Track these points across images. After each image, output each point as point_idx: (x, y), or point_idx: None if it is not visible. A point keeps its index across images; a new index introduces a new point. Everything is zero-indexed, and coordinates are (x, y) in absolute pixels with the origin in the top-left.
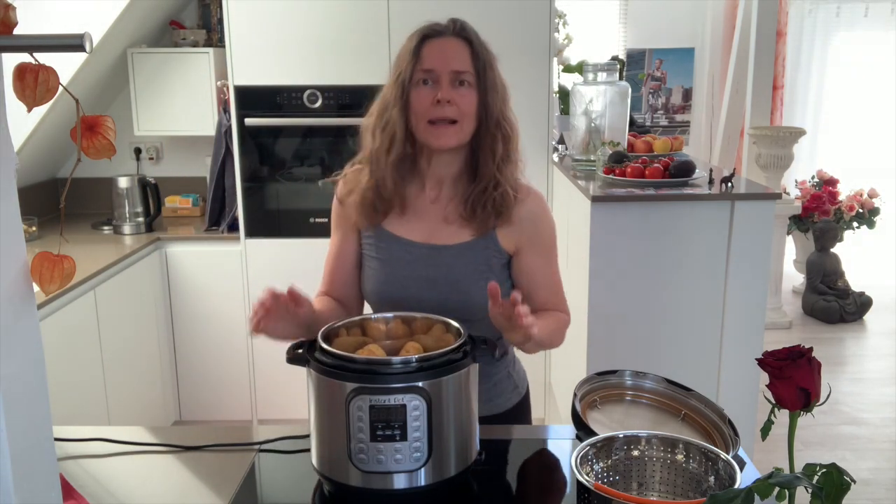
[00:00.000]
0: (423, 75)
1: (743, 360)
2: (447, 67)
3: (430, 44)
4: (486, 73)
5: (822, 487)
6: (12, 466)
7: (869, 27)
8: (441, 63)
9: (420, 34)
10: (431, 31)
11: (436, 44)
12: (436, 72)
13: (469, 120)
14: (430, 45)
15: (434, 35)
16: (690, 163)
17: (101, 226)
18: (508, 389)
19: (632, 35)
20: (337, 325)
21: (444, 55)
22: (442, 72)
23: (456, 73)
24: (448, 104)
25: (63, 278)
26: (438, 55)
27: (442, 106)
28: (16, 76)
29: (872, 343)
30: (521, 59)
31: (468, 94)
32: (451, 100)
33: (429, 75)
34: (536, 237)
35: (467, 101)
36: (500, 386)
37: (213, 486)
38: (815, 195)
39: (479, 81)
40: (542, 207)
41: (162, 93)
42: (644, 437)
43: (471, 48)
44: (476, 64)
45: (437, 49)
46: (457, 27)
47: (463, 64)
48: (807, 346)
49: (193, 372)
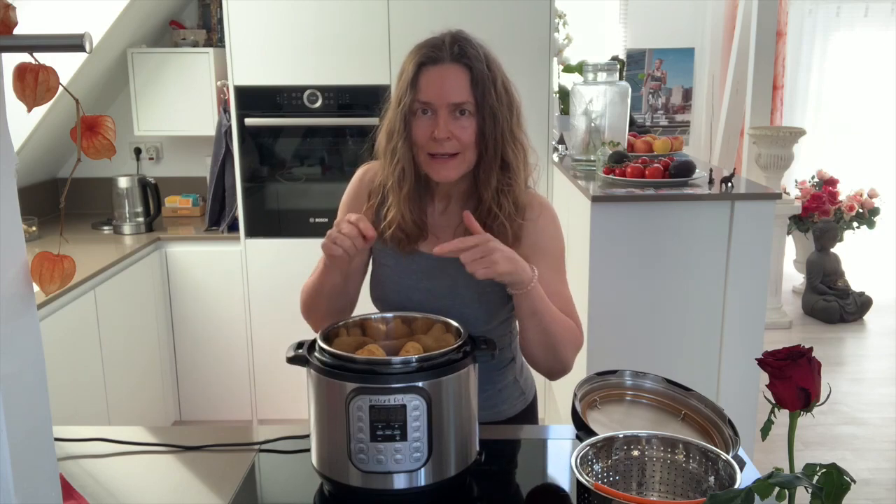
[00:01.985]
0: (421, 106)
1: (743, 360)
2: (445, 100)
3: (428, 73)
4: (486, 100)
5: (822, 487)
6: (12, 466)
7: (869, 27)
8: (438, 95)
9: (417, 60)
10: (428, 58)
11: (433, 72)
12: (433, 104)
13: (471, 150)
14: (428, 73)
15: (431, 62)
16: (690, 163)
17: (101, 226)
18: (514, 396)
19: (632, 35)
20: (337, 325)
21: (442, 86)
22: (440, 105)
23: (454, 105)
24: (447, 140)
25: (63, 278)
26: (436, 86)
27: (440, 142)
28: (16, 76)
29: (872, 343)
30: (521, 59)
31: (469, 126)
32: (451, 135)
33: (427, 106)
34: (541, 249)
35: (468, 132)
36: (505, 392)
37: (213, 486)
38: (815, 195)
39: (479, 110)
40: (549, 220)
41: (162, 93)
42: (644, 437)
43: (470, 73)
44: (476, 92)
45: (434, 78)
46: (455, 51)
47: (461, 94)
48: (807, 346)
49: (193, 372)
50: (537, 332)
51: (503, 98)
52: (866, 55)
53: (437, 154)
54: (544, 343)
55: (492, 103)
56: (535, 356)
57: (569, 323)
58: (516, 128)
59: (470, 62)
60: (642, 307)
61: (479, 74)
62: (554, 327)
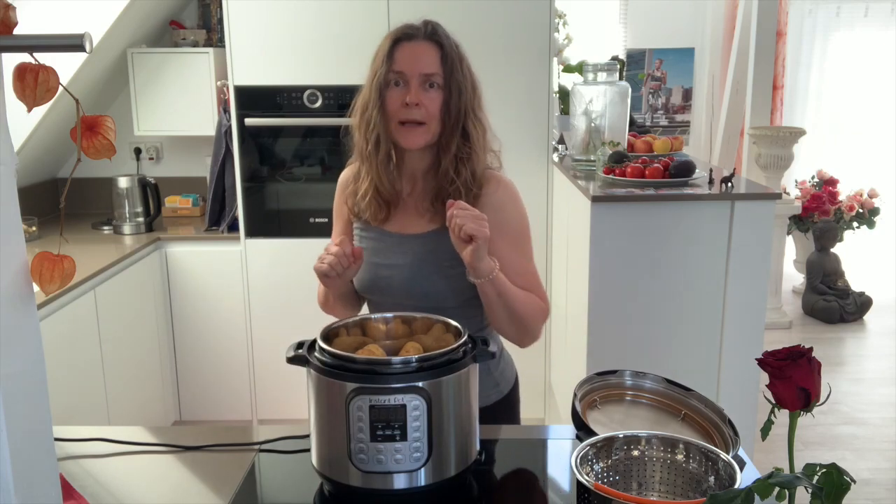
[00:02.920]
0: (395, 76)
1: (743, 360)
2: (417, 70)
3: (402, 47)
4: (454, 75)
5: (822, 487)
6: (12, 466)
7: (869, 27)
8: (411, 66)
9: (393, 37)
10: (403, 35)
11: (407, 47)
12: (406, 74)
13: (436, 121)
14: (402, 48)
15: (406, 38)
16: (690, 163)
17: (101, 226)
18: (488, 387)
19: (632, 35)
20: (337, 325)
21: (415, 58)
22: (412, 74)
23: (425, 75)
24: (416, 107)
25: (63, 278)
26: (409, 58)
27: (410, 108)
28: (16, 76)
29: (872, 343)
30: (521, 59)
31: (437, 97)
32: (420, 102)
33: (400, 77)
34: (503, 225)
35: (436, 103)
36: None
37: (213, 486)
38: (815, 195)
39: (446, 84)
40: (509, 196)
41: (162, 93)
42: (644, 437)
43: (441, 50)
44: (445, 66)
45: (408, 52)
46: (428, 30)
47: (431, 66)
48: (807, 346)
49: (193, 372)
50: (503, 313)
51: (468, 76)
52: (866, 55)
53: (407, 122)
54: (509, 319)
55: (459, 79)
56: (503, 331)
57: (531, 299)
58: (477, 107)
59: (441, 40)
60: (642, 307)
61: (449, 52)
62: (517, 306)
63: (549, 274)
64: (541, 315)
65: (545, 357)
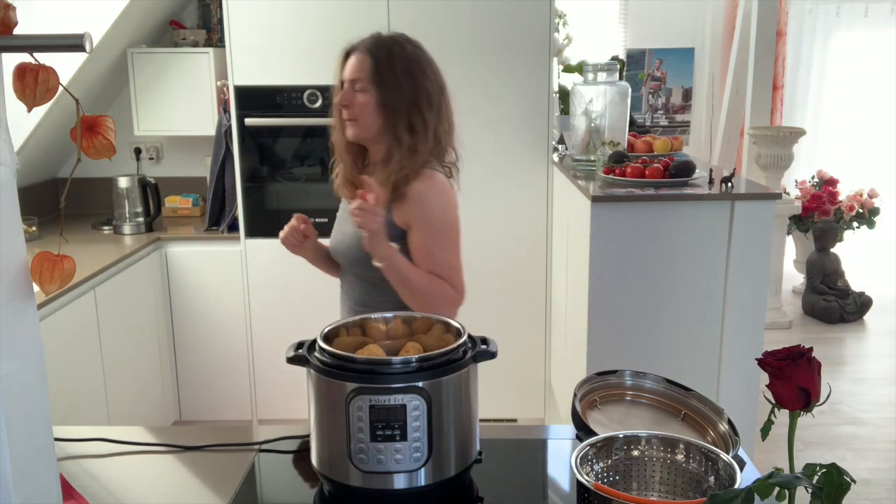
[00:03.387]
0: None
1: (743, 360)
2: (347, 76)
3: (349, 58)
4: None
5: (822, 487)
6: (12, 466)
7: (869, 27)
8: (345, 73)
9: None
10: (351, 48)
11: (350, 58)
12: (343, 81)
13: (366, 117)
14: (349, 58)
15: (352, 51)
16: (690, 163)
17: (101, 226)
18: None
19: (632, 35)
20: (337, 325)
21: (350, 67)
22: (345, 80)
23: (351, 81)
24: (344, 107)
25: (63, 278)
26: (348, 67)
27: (342, 108)
28: (16, 76)
29: (872, 343)
30: (521, 59)
31: (361, 98)
32: (347, 104)
33: (341, 83)
34: (423, 216)
35: (360, 103)
36: None
37: (213, 486)
38: (815, 195)
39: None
40: (435, 191)
41: (162, 93)
42: (644, 437)
43: (373, 59)
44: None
45: (349, 62)
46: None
47: (357, 73)
48: (807, 346)
49: (193, 372)
50: (405, 292)
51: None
52: (866, 55)
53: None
54: (412, 298)
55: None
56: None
57: (437, 285)
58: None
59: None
60: (642, 307)
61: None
62: (419, 289)
63: (549, 274)
64: (445, 300)
65: (545, 357)
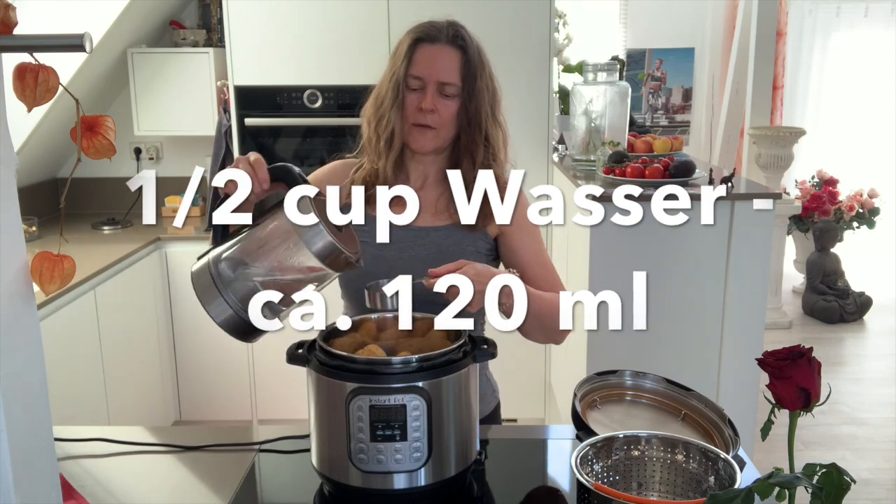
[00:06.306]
0: (413, 80)
1: (743, 360)
2: (434, 77)
3: (423, 49)
4: (475, 83)
5: (822, 487)
6: (12, 466)
7: (869, 27)
8: (429, 71)
9: (415, 36)
10: (425, 35)
11: (428, 50)
12: (423, 79)
13: (447, 128)
14: (423, 49)
15: (428, 40)
16: (690, 163)
17: (101, 226)
18: (488, 393)
19: (632, 35)
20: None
21: (434, 63)
22: (429, 80)
23: (442, 84)
24: (430, 113)
25: (63, 278)
26: (428, 62)
27: (424, 113)
28: (16, 76)
29: (872, 343)
30: (521, 59)
31: (451, 105)
32: (434, 109)
33: (418, 82)
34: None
35: (449, 111)
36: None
37: (213, 486)
38: (815, 195)
39: (464, 91)
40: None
41: (162, 93)
42: (644, 437)
43: (462, 57)
44: (464, 73)
45: (428, 55)
46: (450, 34)
47: (450, 75)
48: (807, 346)
49: (193, 372)
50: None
51: (489, 84)
52: (866, 55)
53: (420, 124)
54: (541, 327)
55: (479, 86)
56: (535, 339)
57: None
58: (498, 113)
59: (465, 46)
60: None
61: (472, 58)
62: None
63: None
64: None
65: (545, 357)
